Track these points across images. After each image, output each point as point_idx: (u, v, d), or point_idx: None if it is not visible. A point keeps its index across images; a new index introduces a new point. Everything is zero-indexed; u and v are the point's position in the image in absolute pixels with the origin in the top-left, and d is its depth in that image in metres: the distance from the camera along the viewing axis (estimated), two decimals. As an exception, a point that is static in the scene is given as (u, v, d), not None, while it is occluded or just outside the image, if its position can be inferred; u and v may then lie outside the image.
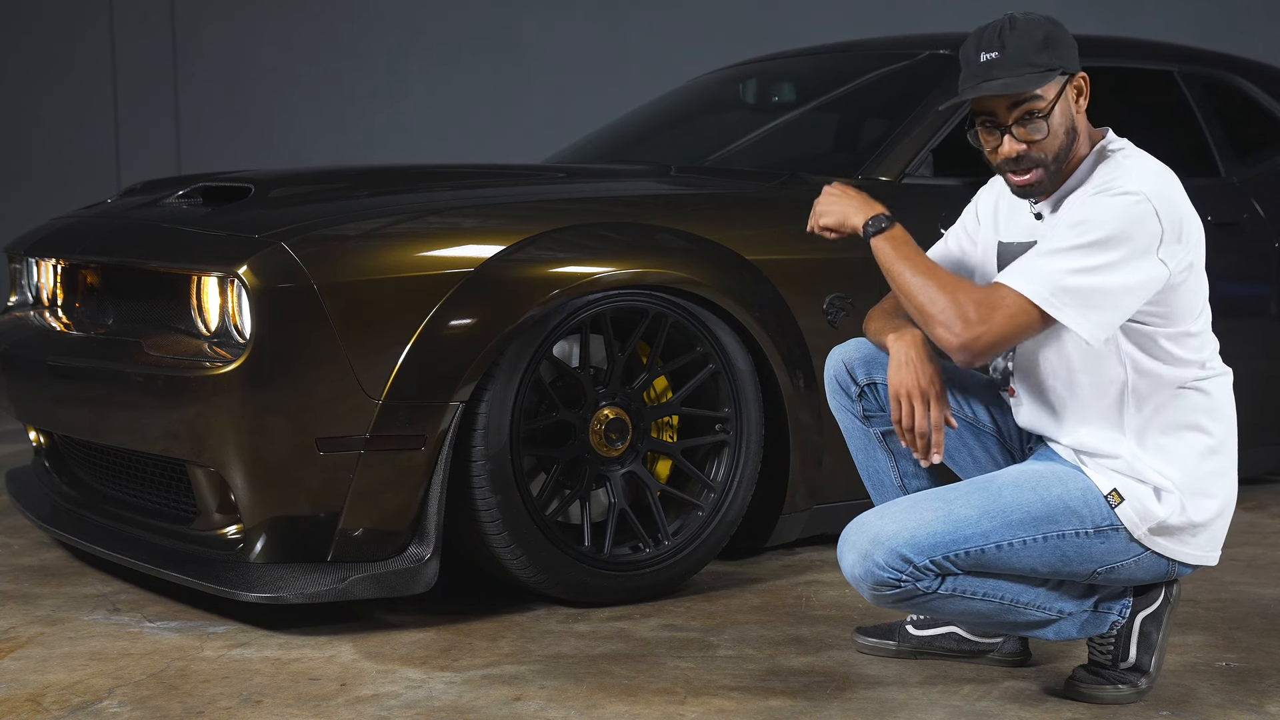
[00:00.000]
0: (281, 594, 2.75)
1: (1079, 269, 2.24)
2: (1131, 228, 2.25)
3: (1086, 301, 2.24)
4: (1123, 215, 2.25)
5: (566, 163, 4.27)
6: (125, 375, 2.96)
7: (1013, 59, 2.32)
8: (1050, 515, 2.34)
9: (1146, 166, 2.34)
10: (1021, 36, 2.33)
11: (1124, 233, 2.24)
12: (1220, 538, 2.45)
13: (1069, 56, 2.35)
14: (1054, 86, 2.34)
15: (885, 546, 2.30)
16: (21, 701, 2.47)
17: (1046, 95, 2.33)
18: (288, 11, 7.91)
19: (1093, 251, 2.24)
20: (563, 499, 3.07)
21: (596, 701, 2.47)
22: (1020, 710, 2.44)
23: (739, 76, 4.52)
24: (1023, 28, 2.34)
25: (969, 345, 2.27)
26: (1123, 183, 2.28)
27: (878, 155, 3.57)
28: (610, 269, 2.97)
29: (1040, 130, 2.33)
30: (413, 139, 7.76)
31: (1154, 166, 2.35)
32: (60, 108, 7.90)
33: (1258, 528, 3.87)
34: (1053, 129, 2.34)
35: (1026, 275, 2.27)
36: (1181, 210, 2.31)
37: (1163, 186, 2.30)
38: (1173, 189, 2.32)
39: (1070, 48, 2.36)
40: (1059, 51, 2.34)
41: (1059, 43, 2.35)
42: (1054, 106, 2.33)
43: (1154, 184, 2.29)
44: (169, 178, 3.87)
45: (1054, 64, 2.33)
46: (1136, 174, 2.30)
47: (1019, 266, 2.31)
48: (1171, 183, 2.33)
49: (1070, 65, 2.35)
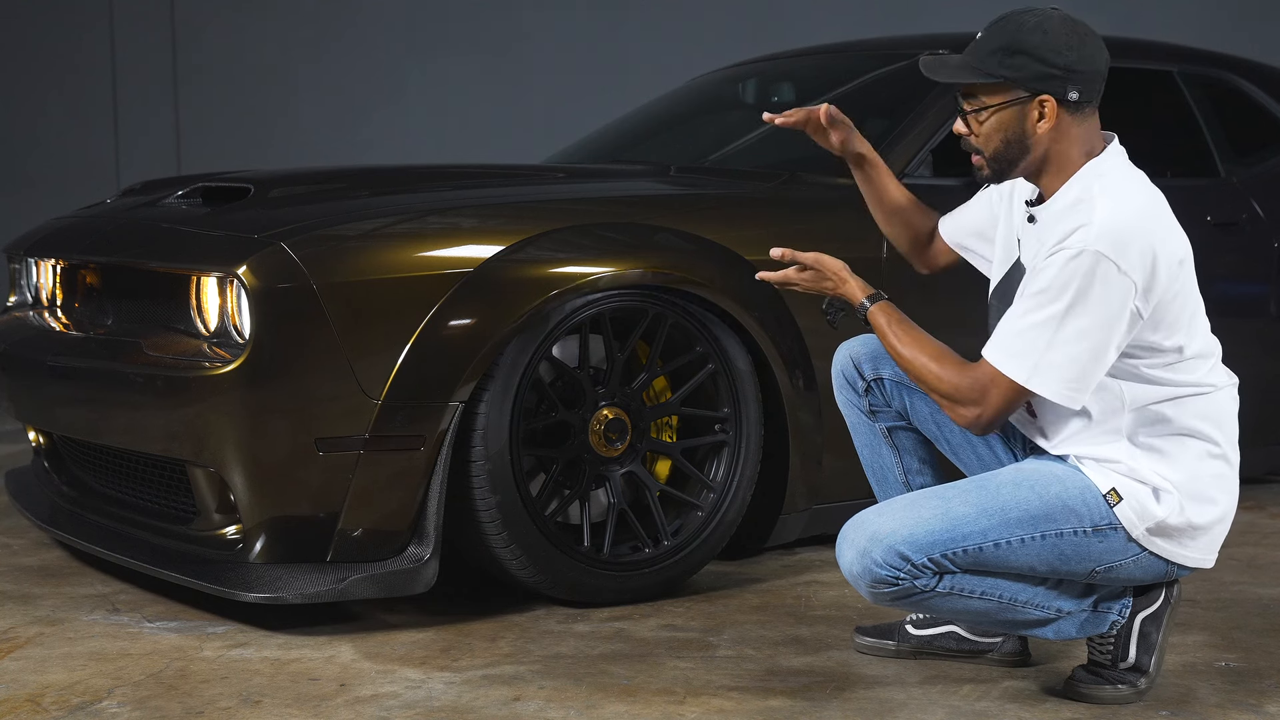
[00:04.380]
0: (281, 594, 2.75)
1: (1052, 342, 2.25)
2: (1095, 289, 2.23)
3: (1065, 373, 2.26)
4: (1084, 277, 2.23)
5: (566, 163, 4.27)
6: (125, 375, 2.96)
7: (971, 50, 2.35)
8: (1048, 514, 2.35)
9: (1116, 205, 2.28)
10: (994, 36, 2.33)
11: (1088, 296, 2.23)
12: (1219, 542, 2.45)
13: (1029, 74, 2.30)
14: (1000, 95, 2.33)
15: (883, 544, 2.30)
16: (21, 702, 2.47)
17: (987, 99, 2.34)
18: (288, 11, 7.91)
19: (1063, 321, 2.24)
20: (562, 499, 3.07)
21: (596, 701, 2.47)
22: (1020, 710, 2.44)
23: (739, 76, 4.52)
24: (1005, 28, 2.32)
25: (973, 426, 2.35)
26: (1081, 237, 2.23)
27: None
28: (610, 269, 2.97)
29: (975, 127, 2.37)
30: (413, 139, 7.76)
31: (1128, 201, 2.29)
32: (60, 108, 7.90)
33: (1257, 528, 3.86)
34: (985, 132, 2.36)
35: (1007, 352, 2.30)
36: (1152, 244, 2.26)
37: (1127, 227, 2.24)
38: (1142, 224, 2.27)
39: (1040, 66, 2.30)
40: (1017, 64, 2.30)
41: (1024, 56, 2.29)
42: (985, 111, 2.34)
43: (1115, 230, 2.23)
44: (168, 178, 3.88)
45: (1000, 74, 2.31)
46: (1100, 220, 2.24)
47: (1000, 341, 2.32)
48: (1145, 215, 2.28)
49: (1032, 84, 2.31)
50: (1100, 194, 2.30)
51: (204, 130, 7.88)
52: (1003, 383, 2.29)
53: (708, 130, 4.41)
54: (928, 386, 2.37)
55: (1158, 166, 2.39)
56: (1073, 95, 2.32)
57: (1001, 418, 2.33)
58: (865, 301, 2.45)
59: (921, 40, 4.11)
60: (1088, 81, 2.33)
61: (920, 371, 2.37)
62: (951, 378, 2.34)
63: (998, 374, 2.30)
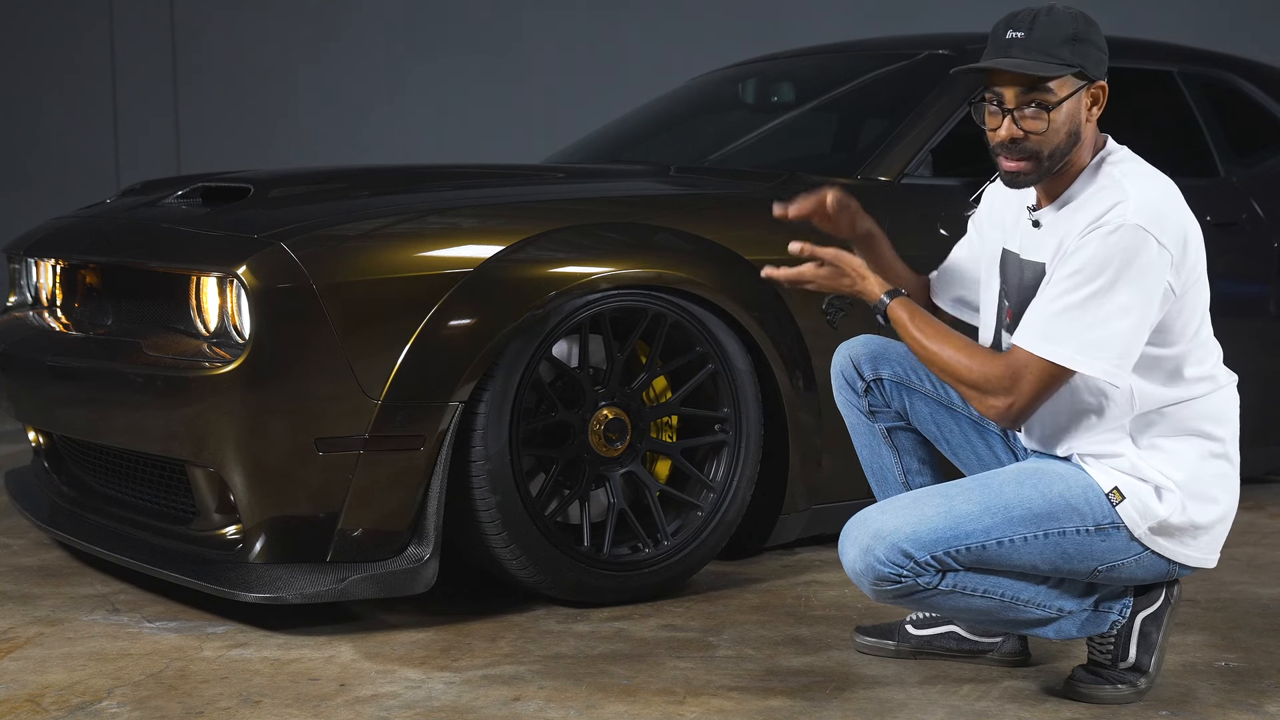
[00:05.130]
0: (281, 594, 2.75)
1: (1096, 320, 2.24)
2: (1139, 262, 2.23)
3: (1112, 350, 2.25)
4: (1126, 252, 2.23)
5: (566, 163, 4.26)
6: (125, 375, 2.96)
7: (1035, 44, 2.31)
8: (1051, 512, 2.34)
9: (1145, 184, 2.31)
10: (1052, 26, 2.32)
11: (1130, 269, 2.23)
12: (1221, 541, 2.45)
13: (1093, 61, 2.33)
14: (1068, 84, 2.33)
15: (887, 542, 2.30)
16: (21, 702, 2.47)
17: (1058, 90, 2.32)
18: (288, 12, 7.91)
19: (1106, 297, 2.24)
20: (562, 499, 3.07)
21: (596, 702, 2.47)
22: (1020, 710, 2.44)
23: (739, 76, 4.52)
24: (1057, 18, 2.32)
25: (1004, 416, 2.32)
26: (1119, 213, 2.25)
27: (877, 155, 3.57)
28: (610, 269, 2.97)
29: (1041, 122, 2.32)
30: (413, 139, 7.76)
31: (1152, 182, 2.33)
32: (60, 108, 7.90)
33: (1257, 528, 3.86)
34: (1054, 125, 2.32)
35: (1044, 336, 2.27)
36: (1183, 222, 2.31)
37: (1161, 204, 2.28)
38: (1171, 203, 2.31)
39: (1098, 53, 2.34)
40: (1084, 53, 2.32)
41: (1087, 44, 2.32)
42: (1062, 103, 2.32)
43: (1152, 206, 2.27)
44: (168, 178, 3.88)
45: (1074, 62, 2.31)
46: (1135, 196, 2.27)
47: (1034, 326, 2.29)
48: (1170, 196, 2.32)
49: (1092, 70, 2.33)
50: (1124, 176, 2.32)
51: (204, 130, 7.88)
52: (1038, 368, 2.27)
53: (708, 130, 4.41)
54: (955, 378, 2.34)
55: (1158, 166, 2.39)
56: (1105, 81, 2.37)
57: (1034, 407, 2.31)
58: (884, 297, 2.43)
59: (921, 40, 4.10)
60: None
61: (947, 363, 2.35)
62: (980, 367, 2.32)
63: (1033, 359, 2.27)
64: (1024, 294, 2.40)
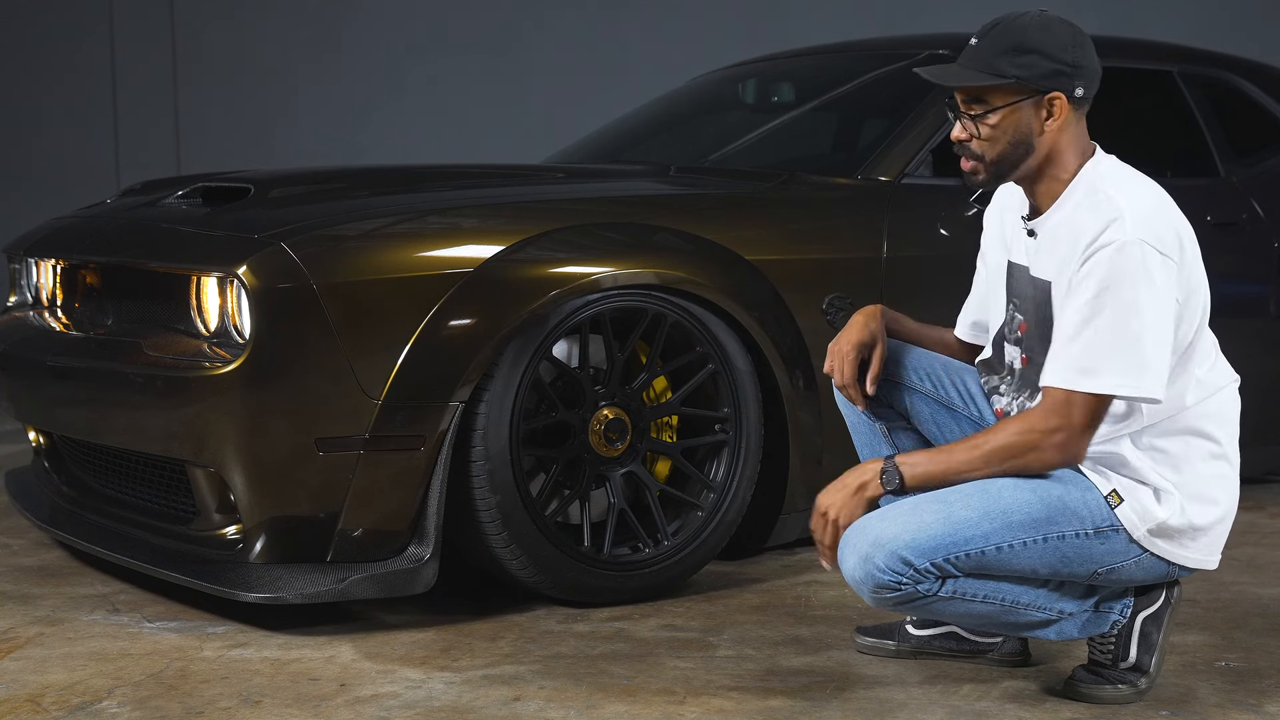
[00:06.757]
0: (281, 594, 2.75)
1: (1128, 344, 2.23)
2: (1151, 276, 2.23)
3: (1154, 368, 2.24)
4: (1136, 269, 2.23)
5: (566, 163, 4.26)
6: (125, 375, 2.96)
7: (980, 52, 2.33)
8: (1050, 516, 2.34)
9: (1135, 194, 2.30)
10: (1001, 35, 2.32)
11: (1146, 285, 2.23)
12: (1221, 542, 2.45)
13: (1040, 72, 2.30)
14: (1007, 95, 2.32)
15: (886, 549, 2.29)
16: (21, 702, 2.47)
17: (992, 100, 2.33)
18: (288, 12, 7.91)
19: (1127, 319, 2.23)
20: (562, 499, 3.07)
21: (596, 701, 2.47)
22: (1020, 710, 2.44)
23: (739, 76, 4.52)
24: (1010, 28, 2.32)
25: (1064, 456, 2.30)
26: (1118, 230, 2.24)
27: (877, 155, 3.57)
28: (610, 269, 2.97)
29: (981, 131, 2.35)
30: (413, 139, 7.76)
31: (1141, 190, 2.32)
32: (60, 108, 7.90)
33: (1257, 528, 3.86)
34: (992, 135, 2.34)
35: (1079, 370, 2.26)
36: (1177, 227, 2.31)
37: (1154, 214, 2.28)
38: (1163, 210, 2.31)
39: (1050, 64, 2.30)
40: (1028, 64, 2.30)
41: (1036, 55, 2.30)
42: (994, 112, 2.33)
43: (1146, 218, 2.26)
44: (168, 178, 3.88)
45: (1011, 74, 2.30)
46: (1128, 210, 2.26)
47: (1067, 362, 2.27)
48: (1161, 203, 2.32)
49: (1042, 83, 2.31)
50: (1112, 188, 2.32)
51: (204, 130, 7.88)
52: (1082, 403, 2.26)
53: (708, 130, 4.41)
54: (1012, 458, 2.30)
55: (1158, 166, 2.39)
56: (1079, 92, 2.34)
57: (1089, 437, 2.29)
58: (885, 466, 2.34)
59: (921, 40, 4.11)
60: (1089, 79, 2.35)
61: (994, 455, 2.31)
62: (1018, 429, 2.30)
63: (1075, 395, 2.26)
64: (1041, 310, 2.40)
